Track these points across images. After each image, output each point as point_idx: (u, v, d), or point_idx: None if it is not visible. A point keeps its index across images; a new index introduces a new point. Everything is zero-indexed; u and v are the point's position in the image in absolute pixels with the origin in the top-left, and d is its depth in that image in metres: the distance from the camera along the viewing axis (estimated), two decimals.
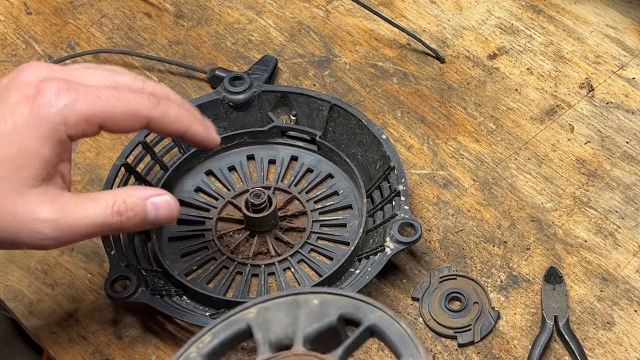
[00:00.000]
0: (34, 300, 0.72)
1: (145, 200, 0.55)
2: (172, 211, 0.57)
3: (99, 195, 0.55)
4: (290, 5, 0.93)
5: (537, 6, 0.93)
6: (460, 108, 0.84)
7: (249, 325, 0.49)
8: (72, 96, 0.53)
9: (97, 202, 0.54)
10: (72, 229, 0.53)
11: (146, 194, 0.56)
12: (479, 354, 0.69)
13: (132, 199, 0.55)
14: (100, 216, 0.54)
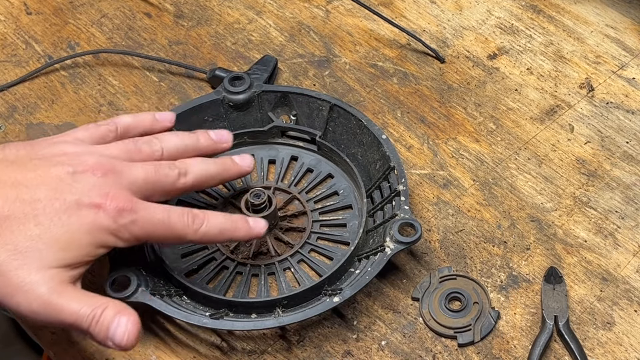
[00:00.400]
0: None
1: (115, 316, 0.58)
2: (133, 337, 0.58)
3: (86, 299, 0.58)
4: (290, 5, 0.93)
5: (537, 6, 0.93)
6: (460, 108, 0.85)
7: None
8: (132, 217, 0.60)
9: (87, 301, 0.58)
10: (50, 315, 0.58)
11: (120, 308, 0.59)
12: (479, 354, 0.69)
13: (106, 314, 0.58)
14: (83, 313, 0.58)
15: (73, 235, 0.58)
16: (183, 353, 0.68)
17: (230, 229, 0.65)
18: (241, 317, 0.67)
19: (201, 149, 0.70)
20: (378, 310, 0.71)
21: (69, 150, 0.63)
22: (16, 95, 0.86)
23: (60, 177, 0.60)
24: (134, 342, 0.58)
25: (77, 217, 0.58)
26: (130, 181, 0.62)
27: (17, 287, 0.56)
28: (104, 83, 0.87)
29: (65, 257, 0.58)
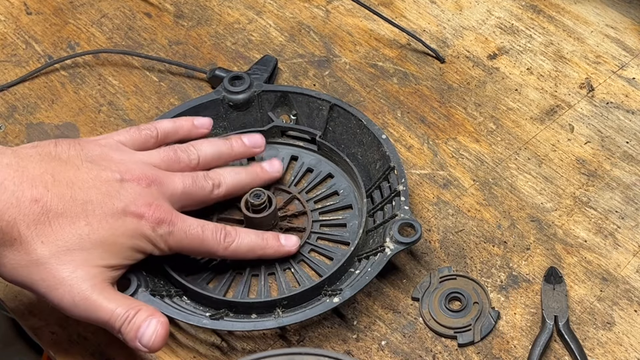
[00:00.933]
0: (34, 300, 0.72)
1: (144, 321, 0.61)
2: (160, 341, 0.61)
3: (122, 300, 0.62)
4: (290, 5, 0.93)
5: (537, 6, 0.93)
6: (460, 108, 0.84)
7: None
8: (169, 229, 0.64)
9: (119, 304, 0.61)
10: (89, 310, 0.61)
11: (153, 313, 0.62)
12: (479, 354, 0.69)
13: (139, 316, 0.61)
14: (115, 314, 0.61)
15: (117, 239, 0.62)
16: (183, 353, 0.68)
17: (260, 246, 0.69)
18: (241, 318, 0.67)
19: (235, 155, 0.74)
20: (378, 310, 0.71)
21: (115, 157, 0.66)
22: (16, 95, 0.86)
23: (109, 182, 0.63)
24: (161, 344, 0.61)
25: (122, 222, 0.62)
26: (170, 193, 0.66)
27: (61, 281, 0.60)
28: (104, 83, 0.87)
29: (108, 258, 0.62)
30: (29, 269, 0.60)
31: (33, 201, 0.59)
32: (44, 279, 0.60)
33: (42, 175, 0.61)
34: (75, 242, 0.60)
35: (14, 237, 0.59)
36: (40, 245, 0.59)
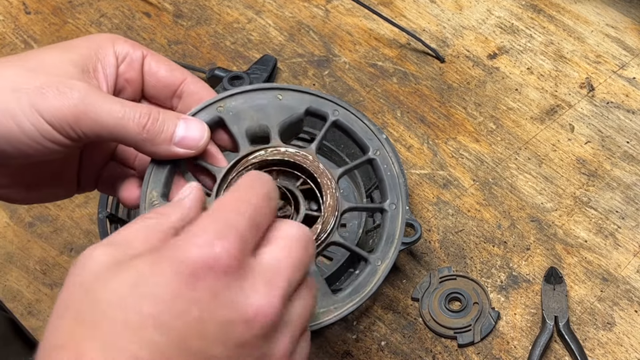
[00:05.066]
0: (32, 300, 0.72)
1: (179, 119, 0.53)
2: (202, 136, 0.53)
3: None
4: (289, 4, 0.93)
5: (537, 6, 0.93)
6: (460, 108, 0.84)
7: (220, 118, 0.55)
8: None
9: (131, 104, 0.52)
10: (100, 102, 0.50)
11: (178, 114, 0.54)
12: (479, 354, 0.68)
13: (167, 113, 0.53)
14: (130, 112, 0.51)
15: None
16: None
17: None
18: None
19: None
20: (378, 311, 0.71)
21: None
22: None
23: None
24: (207, 140, 0.53)
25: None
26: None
27: (53, 76, 0.50)
28: None
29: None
30: None
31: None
32: None
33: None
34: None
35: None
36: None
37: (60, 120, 0.49)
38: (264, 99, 0.56)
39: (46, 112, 0.49)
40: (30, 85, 0.49)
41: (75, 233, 0.76)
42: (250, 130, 0.55)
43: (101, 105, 0.50)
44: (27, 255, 0.74)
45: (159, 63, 0.55)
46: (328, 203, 0.55)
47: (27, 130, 0.49)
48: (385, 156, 0.58)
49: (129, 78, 0.55)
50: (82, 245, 0.75)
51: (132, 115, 0.51)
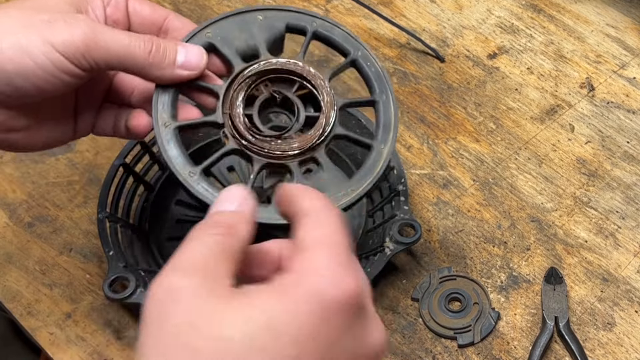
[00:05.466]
0: (32, 300, 0.72)
1: (177, 45, 0.56)
2: (202, 57, 0.57)
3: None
4: (289, 4, 0.93)
5: (537, 5, 0.93)
6: (460, 108, 0.84)
7: (211, 43, 0.59)
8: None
9: (133, 34, 0.55)
10: (107, 31, 0.53)
11: (176, 41, 0.57)
12: (479, 354, 0.68)
13: (166, 40, 0.56)
14: (135, 40, 0.54)
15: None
16: None
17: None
18: None
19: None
20: (377, 311, 0.71)
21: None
22: None
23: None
24: (205, 62, 0.57)
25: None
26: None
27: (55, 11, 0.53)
28: None
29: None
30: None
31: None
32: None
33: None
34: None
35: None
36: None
37: (73, 50, 0.51)
38: (247, 20, 0.60)
39: (58, 43, 0.51)
40: (36, 19, 0.51)
41: (74, 233, 0.76)
42: (240, 49, 0.60)
43: (109, 35, 0.53)
44: (26, 256, 0.74)
45: (142, 3, 0.59)
46: (326, 100, 0.60)
47: (42, 63, 0.51)
48: (367, 55, 0.63)
49: (116, 19, 0.58)
50: (82, 245, 0.75)
51: (138, 43, 0.54)
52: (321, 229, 0.42)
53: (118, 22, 0.58)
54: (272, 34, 0.61)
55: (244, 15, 0.60)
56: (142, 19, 0.59)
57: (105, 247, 0.68)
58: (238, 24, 0.60)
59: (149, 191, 0.76)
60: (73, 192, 0.78)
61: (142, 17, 0.59)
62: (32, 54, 0.51)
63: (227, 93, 0.59)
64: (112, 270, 0.66)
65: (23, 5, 0.53)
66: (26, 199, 0.78)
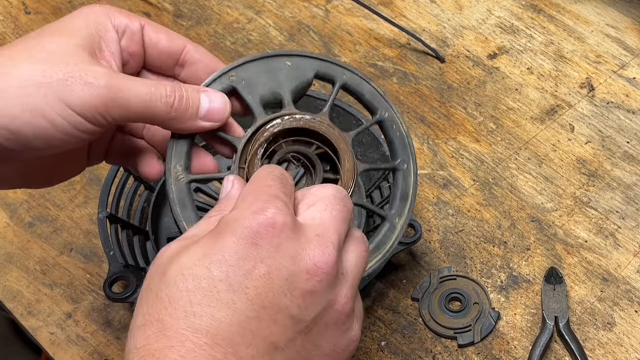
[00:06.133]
0: (32, 300, 0.72)
1: (200, 92, 0.54)
2: (226, 108, 0.54)
3: (154, 80, 0.54)
4: (289, 4, 0.93)
5: (537, 5, 0.93)
6: (460, 108, 0.84)
7: (234, 87, 0.56)
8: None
9: (154, 83, 0.52)
10: (127, 87, 0.50)
11: (199, 87, 0.54)
12: (479, 354, 0.68)
13: (188, 88, 0.53)
14: (157, 93, 0.51)
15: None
16: None
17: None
18: None
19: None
20: (378, 311, 0.71)
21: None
22: None
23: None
24: (228, 112, 0.55)
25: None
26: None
27: (74, 71, 0.49)
28: None
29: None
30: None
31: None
32: None
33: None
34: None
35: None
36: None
37: (91, 110, 0.49)
38: (274, 66, 0.57)
39: (76, 105, 0.49)
40: (52, 78, 0.48)
41: (75, 233, 0.76)
42: (264, 97, 0.57)
43: (128, 90, 0.50)
44: (27, 256, 0.74)
45: (158, 33, 0.56)
46: (346, 167, 0.57)
47: (59, 124, 0.49)
48: (393, 117, 0.61)
49: (132, 51, 0.55)
50: (82, 245, 0.75)
51: (159, 96, 0.51)
52: (253, 180, 0.50)
53: (133, 54, 0.55)
54: (299, 83, 0.58)
55: (271, 60, 0.57)
56: (158, 51, 0.56)
57: (106, 247, 0.68)
58: (264, 68, 0.57)
59: (150, 191, 0.76)
60: (73, 192, 0.79)
61: (159, 49, 0.56)
62: (50, 117, 0.48)
63: (247, 146, 0.56)
64: (113, 271, 0.66)
65: (32, 55, 0.49)
66: (27, 199, 0.78)
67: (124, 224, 0.71)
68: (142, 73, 0.57)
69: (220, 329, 0.43)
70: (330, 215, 0.49)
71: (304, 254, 0.46)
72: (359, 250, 0.51)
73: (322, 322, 0.47)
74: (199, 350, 0.42)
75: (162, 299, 0.44)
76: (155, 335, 0.43)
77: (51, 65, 0.49)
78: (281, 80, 0.57)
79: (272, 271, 0.45)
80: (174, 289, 0.44)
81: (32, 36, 0.52)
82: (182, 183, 0.54)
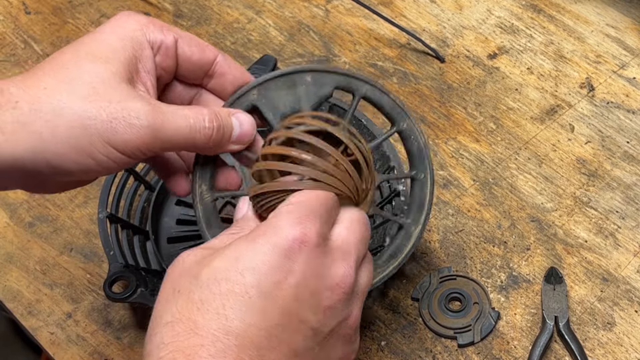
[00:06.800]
0: (32, 300, 0.72)
1: (231, 116, 0.56)
2: (253, 129, 0.57)
3: (189, 106, 0.54)
4: (289, 4, 0.93)
5: (537, 5, 0.93)
6: (460, 108, 0.84)
7: (254, 105, 0.57)
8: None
9: (190, 108, 0.53)
10: (168, 123, 0.52)
11: (230, 111, 0.56)
12: (479, 354, 0.68)
13: (223, 115, 0.55)
14: (196, 125, 0.53)
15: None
16: None
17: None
18: None
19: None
20: (378, 311, 0.71)
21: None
22: None
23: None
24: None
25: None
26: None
27: (117, 110, 0.50)
28: None
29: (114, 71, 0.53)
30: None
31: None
32: None
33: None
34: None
35: None
36: None
37: (133, 149, 0.51)
38: (294, 81, 0.58)
39: (119, 145, 0.50)
40: (97, 120, 0.49)
41: (75, 233, 0.76)
42: (284, 114, 0.58)
43: (169, 126, 0.52)
44: (27, 255, 0.74)
45: (192, 46, 0.57)
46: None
47: (101, 161, 0.50)
48: (412, 128, 0.62)
49: (165, 67, 0.56)
50: (82, 245, 0.75)
51: (199, 128, 0.53)
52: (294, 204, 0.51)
53: (166, 69, 0.56)
54: (319, 98, 0.59)
55: (292, 77, 0.58)
56: (191, 64, 0.57)
57: (106, 247, 0.68)
58: (285, 85, 0.58)
59: (150, 191, 0.76)
60: (73, 192, 0.79)
61: (192, 62, 0.56)
62: (93, 155, 0.50)
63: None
64: (113, 271, 0.66)
65: (76, 87, 0.50)
66: (27, 199, 0.78)
67: (124, 224, 0.71)
68: (173, 84, 0.58)
69: (249, 332, 0.45)
70: (354, 238, 0.52)
71: (329, 273, 0.49)
72: (369, 270, 0.54)
73: (335, 335, 0.51)
74: (229, 351, 0.44)
75: (194, 301, 0.46)
76: (185, 333, 0.45)
77: (95, 104, 0.49)
78: (301, 96, 0.58)
79: (300, 285, 0.48)
80: (206, 292, 0.46)
81: (67, 59, 0.51)
82: (208, 201, 0.58)
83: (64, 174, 0.50)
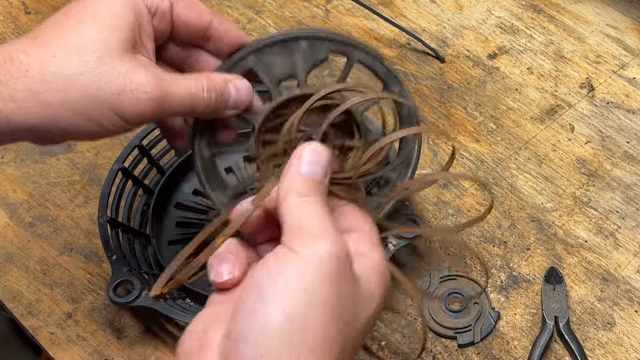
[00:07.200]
0: (32, 300, 0.72)
1: (228, 82, 0.57)
2: (250, 94, 0.58)
3: (188, 74, 0.56)
4: (289, 4, 0.93)
5: (537, 6, 0.93)
6: (460, 108, 0.84)
7: (252, 69, 0.58)
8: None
9: (190, 78, 0.55)
10: (171, 95, 0.53)
11: (227, 77, 0.57)
12: (479, 354, 0.68)
13: (219, 82, 0.56)
14: (197, 94, 0.55)
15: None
16: None
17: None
18: None
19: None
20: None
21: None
22: None
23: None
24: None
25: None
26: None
27: (125, 81, 0.52)
28: None
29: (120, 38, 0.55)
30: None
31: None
32: None
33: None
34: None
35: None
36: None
37: (138, 118, 0.53)
38: (290, 47, 0.59)
39: (126, 115, 0.52)
40: (106, 91, 0.51)
41: (75, 233, 0.76)
42: (280, 78, 0.59)
43: (172, 96, 0.53)
44: (27, 255, 0.74)
45: (187, 10, 0.57)
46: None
47: (107, 127, 0.53)
48: (402, 93, 0.64)
49: (161, 30, 0.57)
50: (82, 245, 0.75)
51: (199, 97, 0.55)
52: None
53: (162, 32, 0.57)
54: (313, 63, 0.60)
55: (289, 44, 0.59)
56: (187, 27, 0.58)
57: (108, 252, 0.68)
58: (281, 50, 0.59)
59: (149, 194, 0.76)
60: (74, 192, 0.79)
61: (187, 25, 0.58)
62: (101, 122, 0.52)
63: (262, 126, 0.58)
64: (116, 274, 0.66)
65: (82, 56, 0.51)
66: (27, 199, 0.78)
67: (124, 228, 0.72)
68: (168, 45, 0.59)
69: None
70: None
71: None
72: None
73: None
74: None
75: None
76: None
77: (104, 76, 0.51)
78: (297, 61, 0.59)
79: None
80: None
81: (73, 25, 0.52)
82: (206, 156, 0.60)
83: (71, 135, 0.53)
